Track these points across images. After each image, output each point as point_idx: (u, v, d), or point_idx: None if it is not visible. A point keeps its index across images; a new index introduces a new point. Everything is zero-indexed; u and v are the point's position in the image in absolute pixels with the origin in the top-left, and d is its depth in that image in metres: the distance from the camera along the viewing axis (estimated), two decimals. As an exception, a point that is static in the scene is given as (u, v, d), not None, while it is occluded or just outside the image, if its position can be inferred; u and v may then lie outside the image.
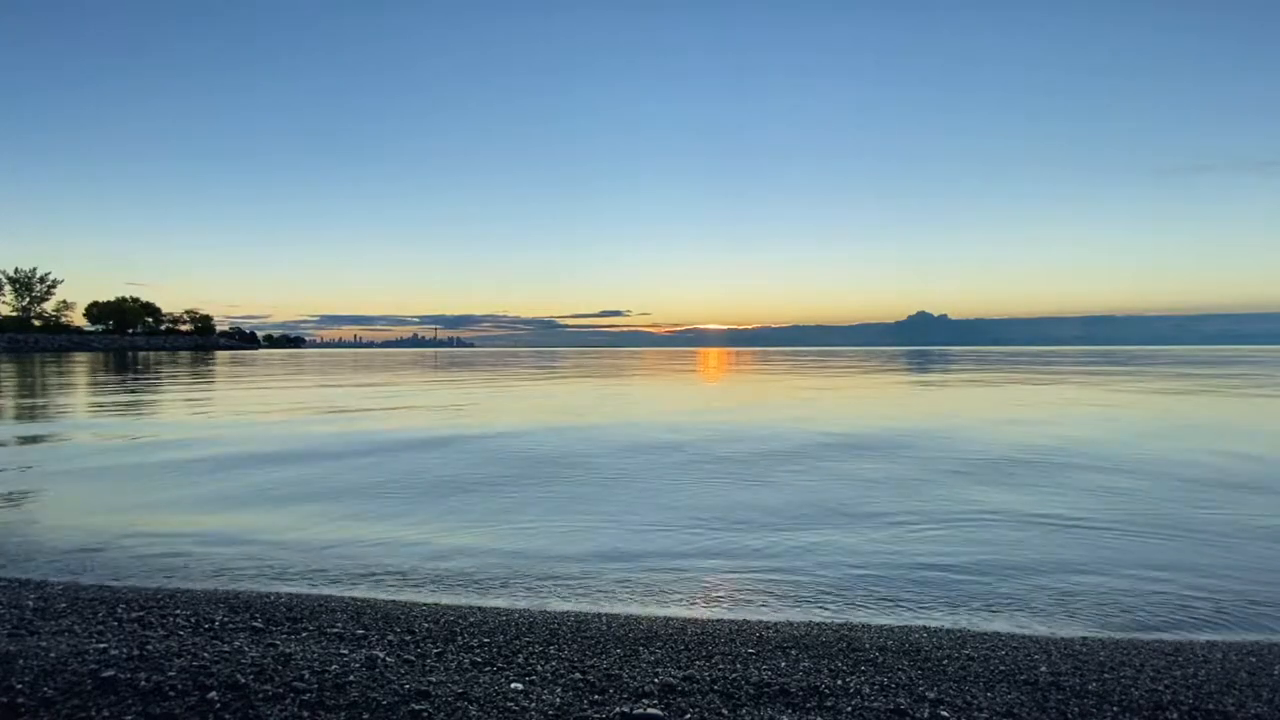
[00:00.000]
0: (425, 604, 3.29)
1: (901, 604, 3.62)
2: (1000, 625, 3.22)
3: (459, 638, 2.73)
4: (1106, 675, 2.49)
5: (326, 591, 3.57)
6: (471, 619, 3.00)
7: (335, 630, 2.76)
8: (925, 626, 3.12)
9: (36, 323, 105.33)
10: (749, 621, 3.14)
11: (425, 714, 1.99)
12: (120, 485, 6.45)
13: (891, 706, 2.17)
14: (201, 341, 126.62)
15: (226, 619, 2.85)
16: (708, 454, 8.26)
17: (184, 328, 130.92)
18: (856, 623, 3.17)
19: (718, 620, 3.17)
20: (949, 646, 2.77)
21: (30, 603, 2.98)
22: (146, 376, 27.53)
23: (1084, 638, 2.98)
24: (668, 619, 3.15)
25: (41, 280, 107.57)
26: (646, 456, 8.08)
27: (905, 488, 6.38)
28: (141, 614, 2.86)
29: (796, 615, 3.36)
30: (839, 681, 2.38)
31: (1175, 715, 2.18)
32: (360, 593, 3.59)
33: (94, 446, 8.95)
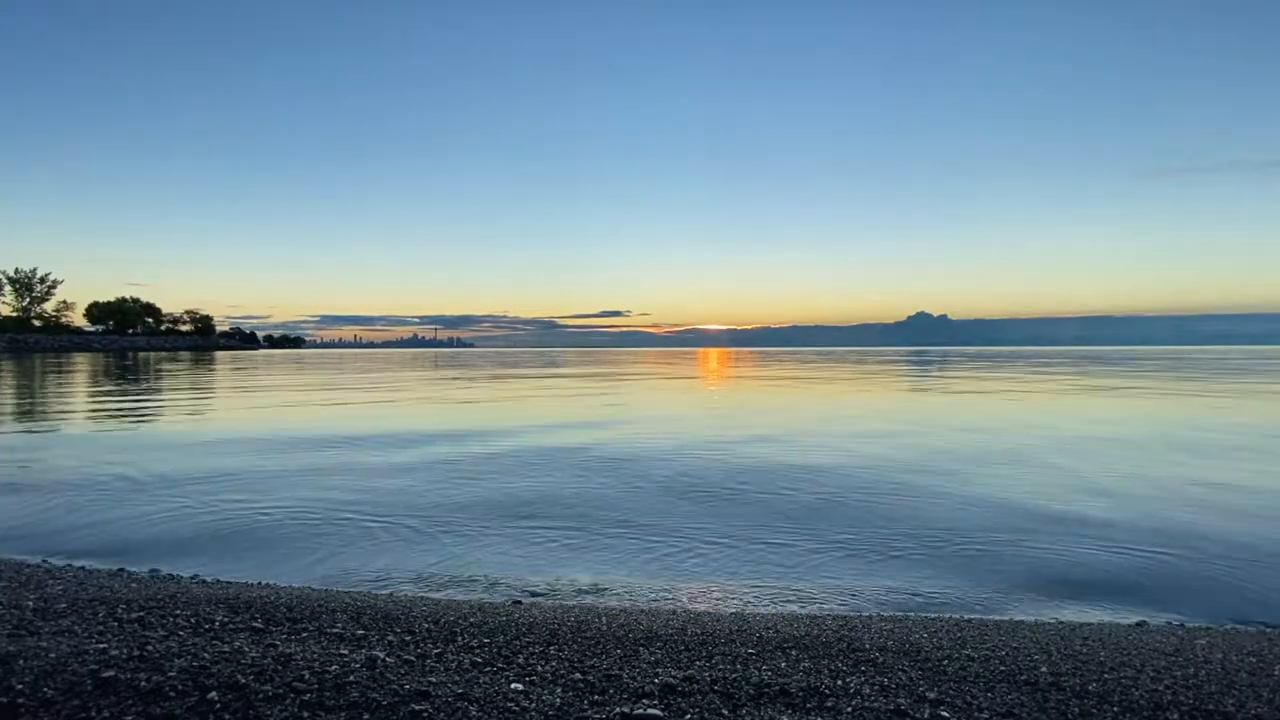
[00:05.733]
0: (425, 604, 3.29)
1: (902, 604, 3.63)
2: (1001, 625, 3.22)
3: (459, 638, 2.73)
4: (1107, 676, 2.48)
5: (326, 591, 3.57)
6: (472, 619, 3.00)
7: (335, 630, 2.76)
8: (925, 626, 3.12)
9: (36, 323, 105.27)
10: (749, 622, 3.14)
11: (425, 714, 1.99)
12: (124, 485, 6.46)
13: (892, 707, 2.17)
14: (201, 342, 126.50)
15: (226, 619, 2.84)
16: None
17: (184, 328, 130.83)
18: (857, 623, 3.17)
19: (718, 620, 3.16)
20: (949, 647, 2.77)
21: (30, 603, 2.98)
22: (158, 377, 27.52)
23: (1085, 638, 2.97)
24: (668, 619, 3.15)
25: (41, 280, 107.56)
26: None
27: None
28: (142, 614, 2.85)
29: (797, 615, 3.36)
30: (839, 682, 2.37)
31: (1176, 715, 2.17)
32: (360, 593, 3.59)
33: (98, 446, 8.96)
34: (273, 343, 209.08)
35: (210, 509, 5.57)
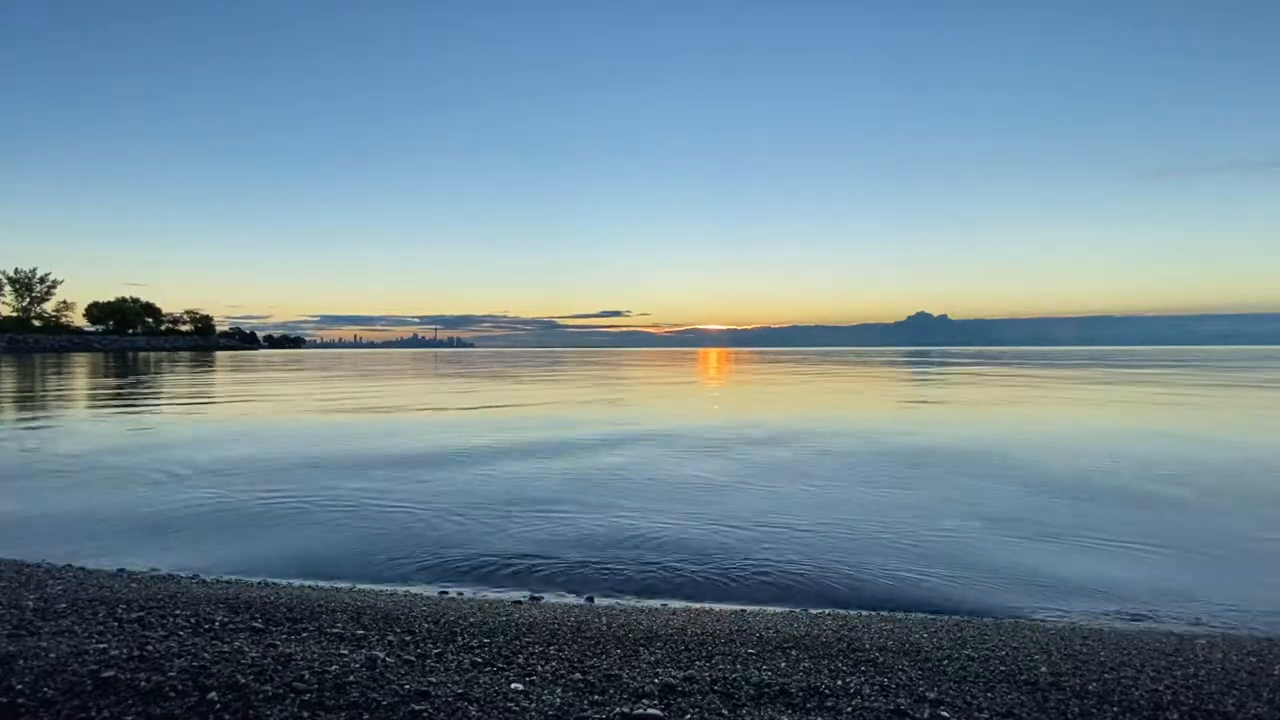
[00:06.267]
0: (425, 604, 3.29)
1: (902, 603, 3.63)
2: (1001, 625, 3.22)
3: (459, 638, 2.73)
4: (1107, 675, 2.49)
5: (326, 591, 3.57)
6: (471, 619, 3.00)
7: (335, 630, 2.76)
8: (925, 626, 3.12)
9: (36, 323, 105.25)
10: (749, 622, 3.14)
11: (425, 714, 1.99)
12: (126, 487, 6.46)
13: (892, 707, 2.17)
14: (201, 342, 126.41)
15: (227, 619, 2.84)
16: None
17: (184, 328, 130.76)
18: (856, 623, 3.17)
19: (718, 620, 3.16)
20: (949, 647, 2.77)
21: (30, 603, 2.98)
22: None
23: (1084, 638, 2.97)
24: (668, 619, 3.15)
25: (41, 280, 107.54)
26: None
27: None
28: (142, 614, 2.85)
29: (797, 615, 3.36)
30: (839, 682, 2.37)
31: (1176, 715, 2.17)
32: (360, 593, 3.59)
33: (98, 446, 8.96)
34: (273, 343, 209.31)
35: (218, 510, 5.58)
